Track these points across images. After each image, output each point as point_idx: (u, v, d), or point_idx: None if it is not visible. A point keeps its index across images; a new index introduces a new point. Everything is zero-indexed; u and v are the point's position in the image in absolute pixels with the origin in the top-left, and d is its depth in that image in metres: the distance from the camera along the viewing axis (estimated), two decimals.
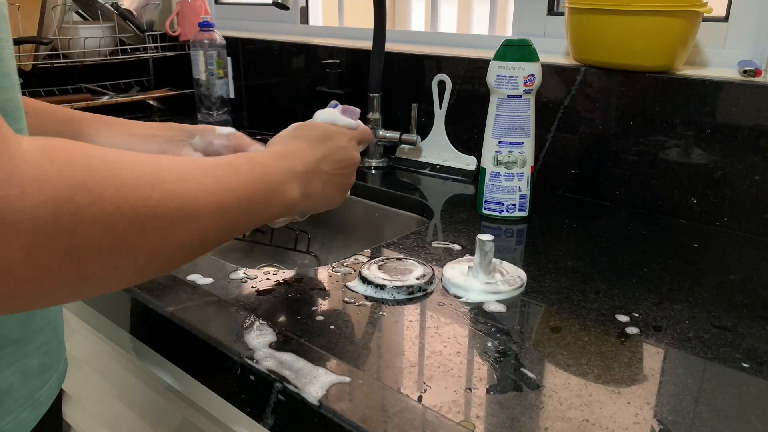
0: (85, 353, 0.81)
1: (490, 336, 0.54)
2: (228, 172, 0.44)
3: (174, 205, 0.37)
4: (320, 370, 0.48)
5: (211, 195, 0.41)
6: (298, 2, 1.46)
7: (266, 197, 0.48)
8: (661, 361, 0.51)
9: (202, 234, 0.40)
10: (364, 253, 0.71)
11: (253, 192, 0.46)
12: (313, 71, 1.29)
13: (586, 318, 0.57)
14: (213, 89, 1.38)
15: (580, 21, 0.88)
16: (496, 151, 0.82)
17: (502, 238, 0.77)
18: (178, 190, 0.38)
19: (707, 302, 0.61)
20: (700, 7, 0.82)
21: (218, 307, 0.58)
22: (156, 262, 0.37)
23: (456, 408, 0.44)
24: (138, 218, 0.34)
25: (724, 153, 0.81)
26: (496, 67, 0.80)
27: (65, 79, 1.46)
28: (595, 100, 0.90)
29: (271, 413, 0.49)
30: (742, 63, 0.84)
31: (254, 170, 0.47)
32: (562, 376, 0.48)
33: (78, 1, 1.46)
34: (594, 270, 0.68)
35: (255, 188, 0.46)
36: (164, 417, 0.70)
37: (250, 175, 0.46)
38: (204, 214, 0.40)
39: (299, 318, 0.56)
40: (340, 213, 1.05)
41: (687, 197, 0.85)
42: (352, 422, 0.42)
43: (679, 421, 0.43)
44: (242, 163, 0.47)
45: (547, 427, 0.42)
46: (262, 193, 0.47)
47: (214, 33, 1.36)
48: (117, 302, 0.63)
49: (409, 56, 1.11)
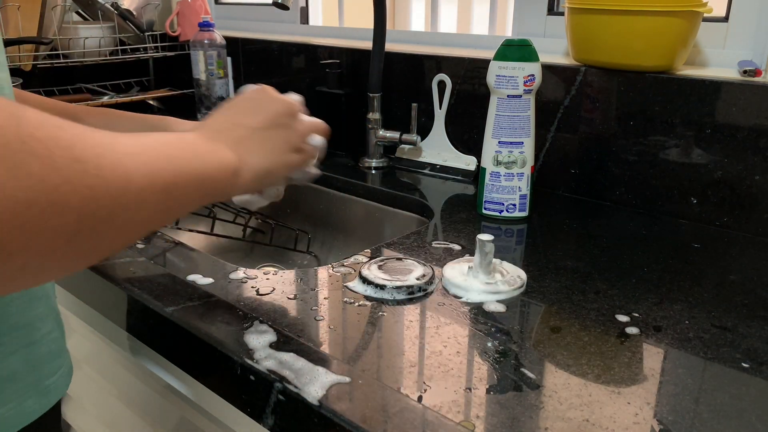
0: (85, 353, 0.81)
1: (490, 336, 0.54)
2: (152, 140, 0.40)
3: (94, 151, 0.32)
4: (320, 370, 0.48)
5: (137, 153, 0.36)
6: (298, 2, 1.46)
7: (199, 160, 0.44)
8: (661, 361, 0.51)
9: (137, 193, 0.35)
10: (364, 253, 0.71)
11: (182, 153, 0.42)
12: (313, 71, 1.29)
13: (586, 318, 0.57)
14: (213, 89, 1.38)
15: (580, 21, 0.88)
16: (496, 151, 0.82)
17: (502, 238, 0.77)
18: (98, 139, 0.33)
19: (707, 302, 0.61)
20: (700, 7, 0.82)
21: (218, 307, 0.58)
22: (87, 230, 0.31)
23: (456, 408, 0.44)
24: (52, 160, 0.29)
25: (724, 153, 0.81)
26: (496, 67, 0.80)
27: (65, 79, 1.46)
28: (595, 100, 0.90)
29: (271, 413, 0.49)
30: (742, 63, 0.84)
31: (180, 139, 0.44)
32: (562, 376, 0.48)
33: (78, 1, 1.46)
34: (594, 270, 0.68)
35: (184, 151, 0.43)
36: (164, 417, 0.70)
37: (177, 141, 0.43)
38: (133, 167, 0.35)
39: (299, 318, 0.56)
40: (340, 213, 1.05)
41: (687, 197, 0.85)
42: (352, 422, 0.42)
43: (679, 421, 0.43)
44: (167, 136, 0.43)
45: (547, 427, 0.42)
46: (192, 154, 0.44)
47: (214, 33, 1.36)
48: (117, 302, 0.63)
49: (409, 56, 1.11)
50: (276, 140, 0.55)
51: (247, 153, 0.52)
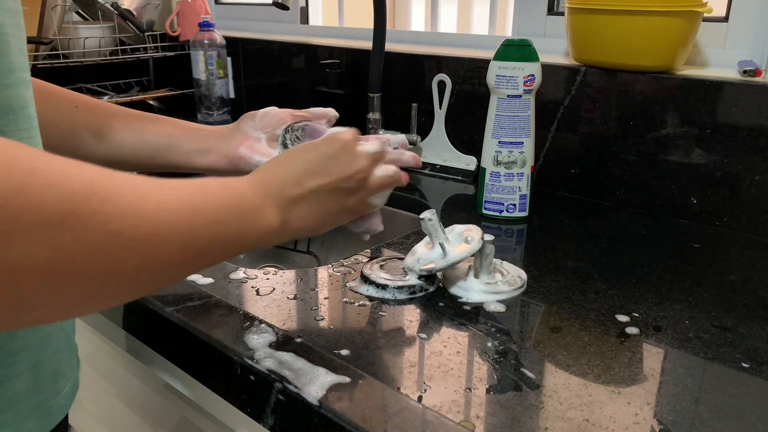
0: (85, 353, 0.81)
1: (490, 336, 0.54)
2: (193, 193, 0.39)
3: (130, 221, 0.32)
4: (320, 370, 0.48)
5: (175, 214, 0.36)
6: (298, 2, 1.46)
7: (240, 222, 0.43)
8: (661, 361, 0.51)
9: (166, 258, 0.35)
10: (364, 253, 0.71)
11: (224, 216, 0.41)
12: (313, 71, 1.29)
13: (586, 318, 0.57)
14: (213, 89, 1.38)
15: (580, 21, 0.88)
16: (496, 151, 0.82)
17: (502, 238, 0.77)
18: (135, 205, 0.33)
19: (707, 302, 0.61)
20: (700, 7, 0.82)
21: (218, 307, 0.58)
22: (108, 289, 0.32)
23: (456, 408, 0.44)
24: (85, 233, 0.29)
25: (724, 153, 0.81)
26: (496, 67, 0.80)
27: (65, 79, 1.46)
28: (595, 100, 0.90)
29: (271, 413, 0.49)
30: (742, 63, 0.84)
31: (225, 192, 0.43)
32: (562, 376, 0.48)
33: (78, 1, 1.46)
34: (594, 270, 0.68)
35: (226, 211, 0.42)
36: (164, 417, 0.70)
37: (220, 197, 0.42)
38: (167, 235, 0.35)
39: (299, 318, 0.56)
40: None
41: (687, 197, 0.85)
42: (352, 422, 0.42)
43: (679, 421, 0.43)
44: (211, 185, 0.42)
45: (547, 427, 0.42)
46: (235, 217, 0.42)
47: (214, 33, 1.36)
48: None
49: (409, 56, 1.11)
50: (332, 204, 0.52)
51: (295, 216, 0.49)
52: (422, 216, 0.60)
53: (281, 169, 0.50)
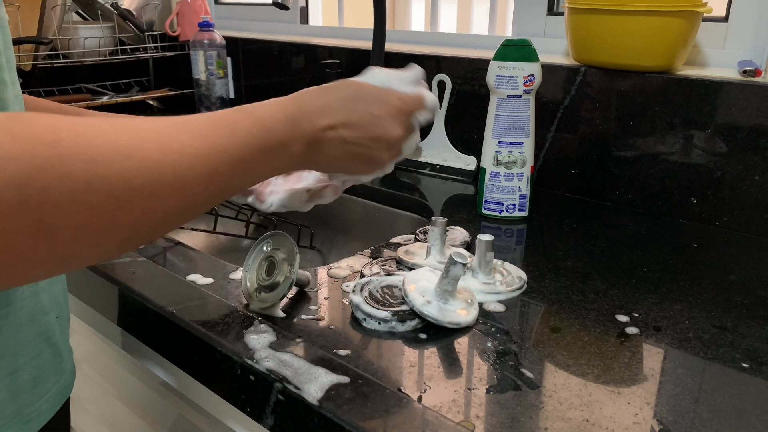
0: (85, 353, 0.81)
1: (490, 336, 0.54)
2: (221, 133, 0.40)
3: (153, 174, 0.34)
4: (320, 370, 0.48)
5: (199, 159, 0.37)
6: (298, 2, 1.46)
7: (263, 157, 0.43)
8: (661, 361, 0.51)
9: (190, 200, 0.37)
10: (364, 253, 0.71)
11: (248, 153, 0.41)
12: (313, 71, 1.29)
13: (586, 318, 0.57)
14: (213, 89, 1.38)
15: (579, 21, 0.88)
16: (496, 151, 0.82)
17: (502, 238, 0.77)
18: (159, 158, 0.34)
19: (707, 302, 0.61)
20: (700, 7, 0.82)
21: (218, 307, 0.58)
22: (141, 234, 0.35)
23: (456, 408, 0.44)
24: (112, 192, 0.32)
25: (724, 153, 0.81)
26: (496, 67, 0.80)
27: (65, 79, 1.46)
28: (595, 100, 0.90)
29: (270, 413, 0.49)
30: (742, 63, 0.84)
31: (253, 129, 0.42)
32: (562, 376, 0.48)
33: (78, 1, 1.46)
34: (594, 270, 0.68)
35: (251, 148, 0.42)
36: (164, 417, 0.70)
37: (247, 134, 0.42)
38: (191, 180, 0.36)
39: (299, 318, 0.56)
40: (341, 212, 1.05)
41: (687, 197, 0.85)
42: (351, 422, 0.42)
43: (679, 421, 0.43)
44: (240, 119, 0.42)
45: (547, 427, 0.42)
46: (259, 152, 0.43)
47: (214, 33, 1.36)
48: (117, 302, 0.63)
49: (409, 56, 1.11)
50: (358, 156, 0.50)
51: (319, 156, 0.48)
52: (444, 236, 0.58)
53: (321, 109, 0.48)
